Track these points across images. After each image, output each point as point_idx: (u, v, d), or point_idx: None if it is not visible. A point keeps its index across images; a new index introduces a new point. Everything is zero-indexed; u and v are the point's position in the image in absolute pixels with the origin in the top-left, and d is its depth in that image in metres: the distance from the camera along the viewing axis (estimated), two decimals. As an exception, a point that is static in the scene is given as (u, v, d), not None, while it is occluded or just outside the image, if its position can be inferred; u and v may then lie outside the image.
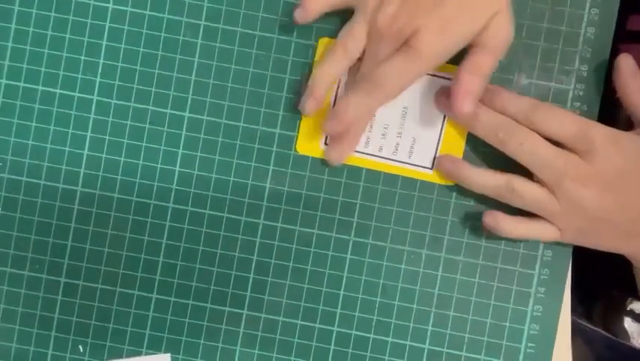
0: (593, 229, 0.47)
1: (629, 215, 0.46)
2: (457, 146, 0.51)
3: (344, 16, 0.50)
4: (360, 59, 0.48)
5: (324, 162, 0.51)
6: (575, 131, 0.46)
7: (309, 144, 0.51)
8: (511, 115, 0.47)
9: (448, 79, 0.51)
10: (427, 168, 0.51)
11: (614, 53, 0.51)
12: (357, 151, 0.51)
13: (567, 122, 0.46)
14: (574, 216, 0.47)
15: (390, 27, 0.45)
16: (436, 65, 0.46)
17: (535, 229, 0.49)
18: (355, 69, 0.49)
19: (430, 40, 0.45)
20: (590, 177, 0.46)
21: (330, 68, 0.48)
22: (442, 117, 0.51)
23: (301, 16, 0.49)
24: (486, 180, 0.49)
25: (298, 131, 0.51)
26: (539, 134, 0.47)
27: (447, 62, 0.50)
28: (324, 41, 0.51)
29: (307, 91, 0.49)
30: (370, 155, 0.51)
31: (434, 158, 0.51)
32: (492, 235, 0.50)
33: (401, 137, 0.51)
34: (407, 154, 0.51)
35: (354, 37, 0.47)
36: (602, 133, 0.46)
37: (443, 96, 0.50)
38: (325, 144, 0.51)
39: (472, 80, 0.46)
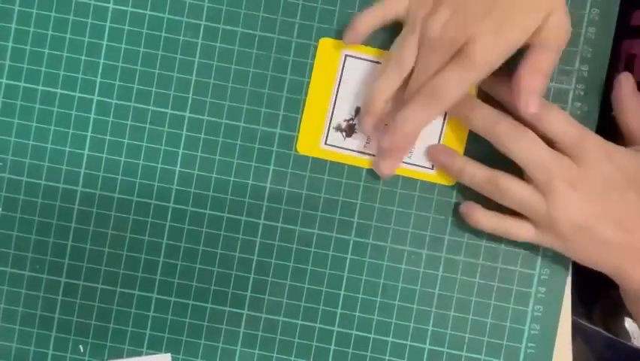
0: (575, 235, 0.47)
1: (612, 227, 0.46)
2: (457, 146, 0.51)
3: (346, 17, 0.50)
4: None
5: (323, 162, 0.51)
6: (574, 136, 0.46)
7: (309, 144, 0.51)
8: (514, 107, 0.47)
9: None
10: (428, 168, 0.51)
11: (618, 49, 0.51)
12: (357, 151, 0.51)
13: (569, 126, 0.47)
14: (559, 219, 0.47)
15: (442, 37, 0.44)
16: (490, 70, 0.45)
17: (509, 225, 0.49)
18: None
19: (484, 48, 0.44)
20: (581, 182, 0.46)
21: (385, 82, 0.48)
22: (442, 118, 0.51)
23: (351, 38, 0.49)
24: (474, 171, 0.48)
25: (298, 131, 0.51)
26: (538, 130, 0.47)
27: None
28: (324, 41, 0.51)
29: (364, 109, 0.49)
30: (370, 155, 0.51)
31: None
32: (493, 236, 0.50)
33: None
34: (408, 154, 0.51)
35: (407, 49, 0.46)
36: (597, 143, 0.47)
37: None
38: (325, 143, 0.51)
39: (533, 79, 0.45)
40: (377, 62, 0.51)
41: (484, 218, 0.49)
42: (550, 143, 0.47)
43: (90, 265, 0.52)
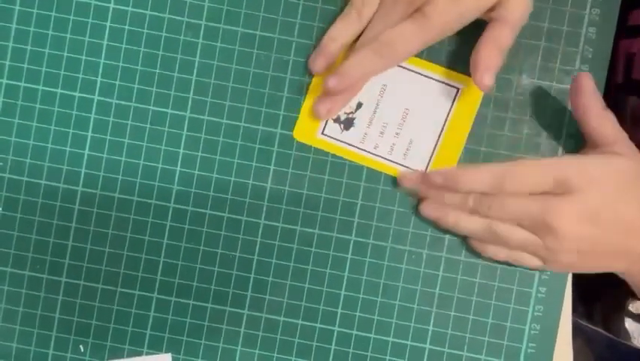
0: (579, 259, 0.47)
1: (613, 239, 0.46)
2: (453, 153, 0.51)
3: (345, 16, 0.50)
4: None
5: (324, 162, 0.51)
6: (548, 182, 0.46)
7: (306, 132, 0.51)
8: (478, 190, 0.47)
9: (457, 87, 0.51)
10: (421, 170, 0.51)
11: (615, 49, 0.51)
12: (352, 145, 0.51)
13: (537, 178, 0.46)
14: (559, 254, 0.47)
15: None
16: (445, 33, 0.47)
17: (518, 256, 0.49)
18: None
19: (442, 9, 0.45)
20: (570, 214, 0.46)
21: (343, 28, 0.49)
22: (442, 123, 0.51)
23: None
24: (468, 223, 0.49)
25: (297, 118, 0.51)
26: (512, 194, 0.47)
27: (459, 72, 0.50)
28: None
29: (318, 49, 0.50)
30: (365, 151, 0.51)
31: (428, 163, 0.51)
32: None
33: (398, 137, 0.51)
34: (402, 155, 0.51)
35: (369, 0, 0.48)
36: (574, 172, 0.46)
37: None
38: (323, 133, 0.51)
39: (491, 54, 0.46)
40: None
41: (495, 250, 0.49)
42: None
43: (90, 265, 0.52)
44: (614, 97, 0.49)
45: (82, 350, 0.52)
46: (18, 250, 0.52)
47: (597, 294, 0.61)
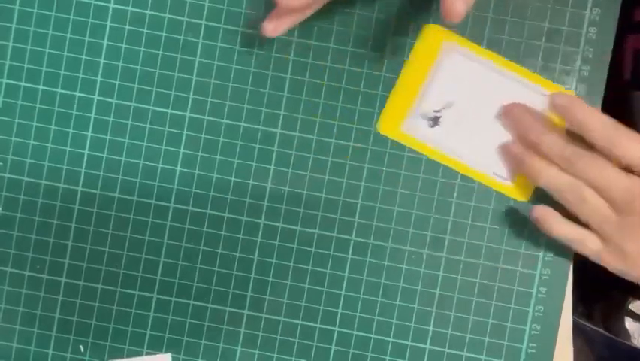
0: None
1: None
2: None
3: (346, 17, 0.50)
4: None
5: (324, 162, 0.51)
6: None
7: (390, 125, 0.51)
8: (589, 130, 0.46)
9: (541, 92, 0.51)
10: (506, 179, 0.51)
11: (621, 44, 0.51)
12: (434, 143, 0.51)
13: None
14: (630, 236, 0.46)
15: None
16: None
17: (580, 234, 0.48)
18: None
19: None
20: None
21: None
22: None
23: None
24: (557, 175, 0.47)
25: (381, 111, 0.51)
26: (614, 157, 0.46)
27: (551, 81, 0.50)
28: (429, 27, 0.50)
29: None
30: (447, 151, 0.51)
31: (512, 170, 0.50)
32: (494, 236, 0.50)
33: (483, 141, 0.51)
34: (484, 160, 0.51)
35: None
36: None
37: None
38: (407, 128, 0.51)
39: None
40: (477, 61, 0.50)
41: (557, 225, 0.48)
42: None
43: (90, 265, 0.52)
44: (621, 94, 0.49)
45: (82, 350, 0.52)
46: (18, 250, 0.52)
47: (597, 294, 0.61)
